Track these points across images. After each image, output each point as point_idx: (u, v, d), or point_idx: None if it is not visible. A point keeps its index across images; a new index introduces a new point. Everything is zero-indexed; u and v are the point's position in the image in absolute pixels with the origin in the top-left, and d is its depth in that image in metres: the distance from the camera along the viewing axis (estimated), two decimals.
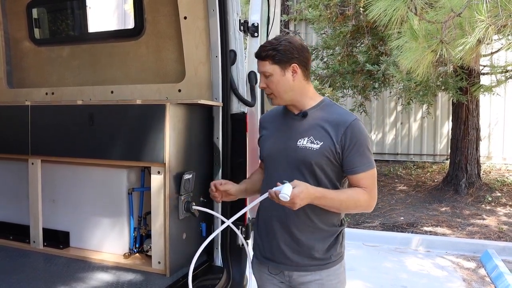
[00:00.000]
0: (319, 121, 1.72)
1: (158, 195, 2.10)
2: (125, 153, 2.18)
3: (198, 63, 2.44)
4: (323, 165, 1.68)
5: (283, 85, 1.71)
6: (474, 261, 4.68)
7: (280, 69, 1.69)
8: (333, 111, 1.75)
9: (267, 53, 1.69)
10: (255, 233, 1.89)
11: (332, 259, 1.75)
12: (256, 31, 2.35)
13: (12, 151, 2.50)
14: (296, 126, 1.75)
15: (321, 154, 1.67)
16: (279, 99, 1.75)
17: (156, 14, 2.64)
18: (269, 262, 1.80)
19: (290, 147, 1.73)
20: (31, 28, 3.00)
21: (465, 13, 2.89)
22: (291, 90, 1.72)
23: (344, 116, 1.72)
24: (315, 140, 1.69)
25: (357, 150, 1.67)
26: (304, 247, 1.73)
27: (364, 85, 6.76)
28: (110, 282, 2.06)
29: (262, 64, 1.72)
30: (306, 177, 1.68)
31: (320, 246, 1.73)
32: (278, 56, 1.68)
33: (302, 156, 1.69)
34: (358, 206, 1.71)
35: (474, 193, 6.76)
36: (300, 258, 1.73)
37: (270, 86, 1.72)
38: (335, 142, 1.67)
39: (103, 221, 2.36)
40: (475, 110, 6.90)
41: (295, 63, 1.70)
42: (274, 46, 1.69)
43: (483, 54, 5.26)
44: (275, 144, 1.79)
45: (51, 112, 2.38)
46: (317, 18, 6.70)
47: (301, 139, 1.71)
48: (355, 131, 1.67)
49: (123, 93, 2.70)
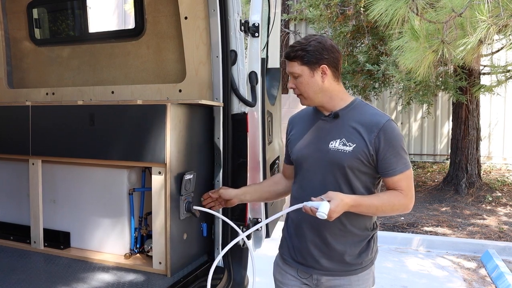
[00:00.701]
0: (351, 123, 1.66)
1: (159, 195, 2.10)
2: (126, 154, 2.18)
3: (198, 63, 2.43)
4: (356, 168, 1.64)
5: (312, 86, 1.66)
6: (475, 261, 4.68)
7: (309, 70, 1.65)
8: (366, 111, 1.70)
9: (296, 53, 1.65)
10: (284, 233, 1.86)
11: (363, 265, 1.72)
12: (257, 31, 2.35)
13: (12, 151, 2.49)
14: (327, 128, 1.71)
15: (354, 157, 1.62)
16: (308, 100, 1.70)
17: (157, 14, 2.63)
18: (299, 265, 1.76)
19: (321, 150, 1.68)
20: (31, 28, 2.99)
21: (466, 13, 2.89)
22: (321, 92, 1.68)
23: (377, 117, 1.67)
24: (348, 142, 1.64)
25: (392, 152, 1.62)
26: (335, 251, 1.69)
27: (364, 85, 6.77)
28: (111, 282, 2.05)
29: (291, 64, 1.67)
30: (339, 180, 1.65)
31: (352, 251, 1.69)
32: (307, 57, 1.63)
33: (334, 159, 1.64)
34: (395, 210, 1.67)
35: (475, 193, 6.76)
36: (331, 262, 1.70)
37: (299, 87, 1.68)
38: (368, 144, 1.62)
39: (104, 222, 2.36)
40: (475, 110, 6.90)
41: (325, 64, 1.65)
42: (303, 46, 1.64)
43: (484, 54, 5.25)
44: (305, 146, 1.74)
45: (52, 112, 2.38)
46: (318, 17, 6.70)
47: (332, 141, 1.66)
48: (388, 132, 1.62)
49: (124, 93, 2.70)
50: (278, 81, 2.91)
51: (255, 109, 2.36)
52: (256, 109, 2.37)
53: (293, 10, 8.19)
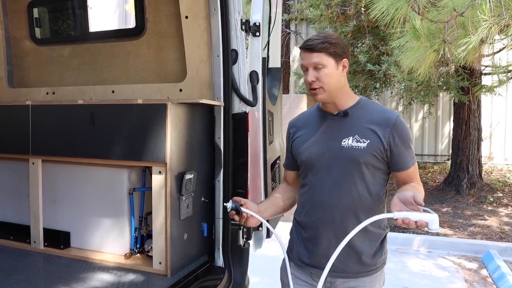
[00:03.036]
0: (362, 120, 1.67)
1: (159, 195, 2.09)
2: (126, 153, 2.17)
3: (199, 62, 2.42)
4: (371, 164, 1.64)
5: (335, 78, 1.65)
6: (476, 261, 4.67)
7: (335, 62, 1.63)
8: (374, 108, 1.71)
9: (322, 44, 1.61)
10: (294, 237, 1.82)
11: (376, 265, 1.72)
12: (258, 31, 2.34)
13: (12, 151, 2.49)
14: (337, 126, 1.69)
15: (369, 153, 1.62)
16: (327, 93, 1.66)
17: (157, 14, 2.63)
18: (313, 269, 1.73)
19: (334, 148, 1.66)
20: (32, 28, 2.99)
21: (467, 12, 2.88)
22: (339, 86, 1.67)
23: (387, 113, 1.69)
24: (361, 139, 1.63)
25: (405, 146, 1.65)
26: (353, 252, 1.67)
27: (365, 85, 6.76)
28: (111, 282, 2.05)
29: (316, 55, 1.62)
30: (355, 178, 1.64)
31: (368, 251, 1.68)
32: (333, 49, 1.62)
33: (349, 156, 1.63)
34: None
35: (476, 194, 6.75)
36: (348, 264, 1.68)
37: (321, 79, 1.63)
38: (382, 139, 1.62)
39: (104, 221, 2.35)
40: (476, 110, 6.89)
41: (346, 59, 1.66)
42: (326, 39, 1.63)
43: (485, 54, 5.24)
44: (315, 147, 1.72)
45: (52, 112, 2.37)
46: (318, 17, 6.70)
47: (345, 139, 1.65)
48: (400, 127, 1.65)
49: (124, 93, 2.69)
50: (279, 81, 2.90)
51: (256, 108, 2.35)
52: (257, 108, 2.36)
53: (294, 10, 8.19)
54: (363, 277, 1.69)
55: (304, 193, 1.77)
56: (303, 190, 1.78)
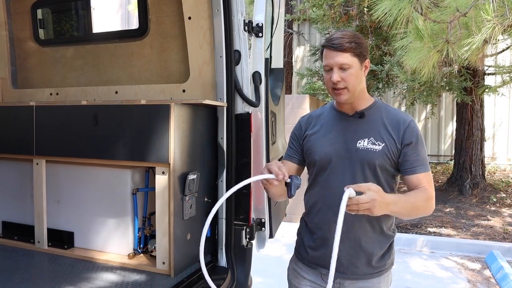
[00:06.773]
0: (378, 122, 1.66)
1: (162, 195, 2.10)
2: (130, 154, 2.18)
3: (202, 63, 2.43)
4: (385, 167, 1.63)
5: (358, 79, 1.63)
6: (479, 262, 4.66)
7: (359, 62, 1.62)
8: (389, 111, 1.70)
9: (350, 44, 1.58)
10: (302, 237, 1.82)
11: (385, 267, 1.72)
12: (260, 31, 2.34)
13: (16, 151, 2.50)
14: (353, 127, 1.68)
15: (384, 155, 1.62)
16: (351, 94, 1.64)
17: (160, 15, 2.63)
18: (322, 269, 1.72)
19: (349, 150, 1.65)
20: (35, 29, 3.01)
21: (470, 12, 2.88)
22: (361, 86, 1.66)
23: (401, 116, 1.68)
24: (376, 141, 1.63)
25: (418, 150, 1.63)
26: (364, 253, 1.67)
27: (368, 86, 6.75)
28: (115, 282, 2.05)
29: (343, 55, 1.59)
30: (368, 180, 1.62)
31: (378, 252, 1.69)
32: (358, 49, 1.60)
33: (364, 158, 1.63)
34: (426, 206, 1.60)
35: (479, 194, 6.73)
36: (357, 265, 1.68)
37: (347, 80, 1.61)
38: (397, 142, 1.62)
39: (108, 222, 2.36)
40: (479, 111, 6.87)
41: (368, 59, 1.66)
42: (353, 38, 1.60)
43: (488, 54, 5.24)
44: (330, 146, 1.70)
45: (56, 113, 2.38)
46: (321, 18, 6.70)
47: (360, 141, 1.64)
48: (414, 130, 1.64)
49: (127, 94, 2.70)
50: (282, 81, 2.90)
51: (258, 109, 2.36)
52: (259, 109, 2.36)
53: (297, 10, 8.18)
54: (372, 278, 1.70)
55: (315, 194, 1.75)
56: (313, 190, 1.77)
